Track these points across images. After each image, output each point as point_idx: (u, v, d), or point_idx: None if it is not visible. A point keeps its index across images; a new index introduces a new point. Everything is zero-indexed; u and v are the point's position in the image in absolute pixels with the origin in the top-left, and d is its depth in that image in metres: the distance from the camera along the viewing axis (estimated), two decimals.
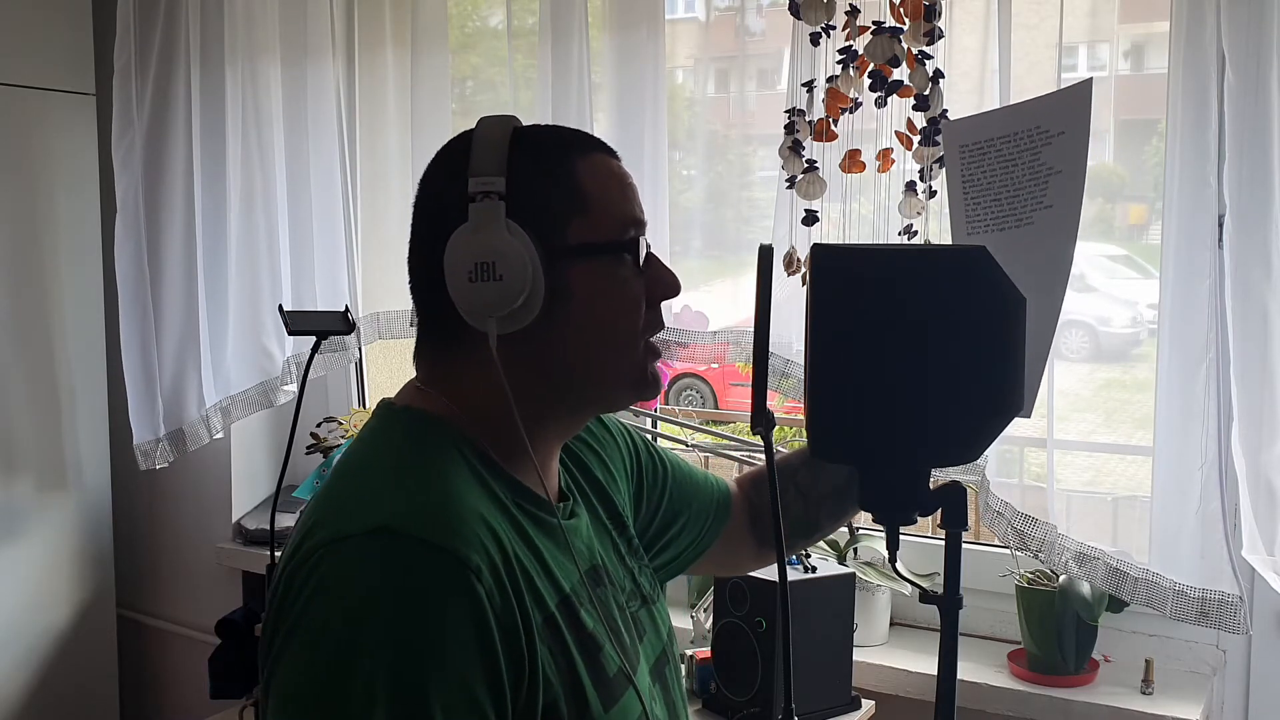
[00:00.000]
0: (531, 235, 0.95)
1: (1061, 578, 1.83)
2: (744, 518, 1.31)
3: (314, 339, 2.23)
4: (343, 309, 2.29)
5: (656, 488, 1.25)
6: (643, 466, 1.24)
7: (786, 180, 1.82)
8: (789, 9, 1.77)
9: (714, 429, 2.27)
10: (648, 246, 1.03)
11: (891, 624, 2.07)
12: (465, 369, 1.00)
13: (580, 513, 1.09)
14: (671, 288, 1.04)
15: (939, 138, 1.68)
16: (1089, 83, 1.11)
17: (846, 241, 1.84)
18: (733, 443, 2.15)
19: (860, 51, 1.72)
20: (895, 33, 1.68)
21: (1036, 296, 1.11)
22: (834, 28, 1.75)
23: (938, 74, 1.69)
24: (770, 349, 1.12)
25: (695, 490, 1.28)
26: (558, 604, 0.96)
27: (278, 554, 2.29)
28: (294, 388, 2.43)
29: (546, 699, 0.91)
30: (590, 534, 1.09)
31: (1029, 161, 1.14)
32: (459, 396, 1.01)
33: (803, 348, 1.04)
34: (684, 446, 2.11)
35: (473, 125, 1.02)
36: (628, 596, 1.09)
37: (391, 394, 1.07)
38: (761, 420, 0.98)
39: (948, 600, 0.93)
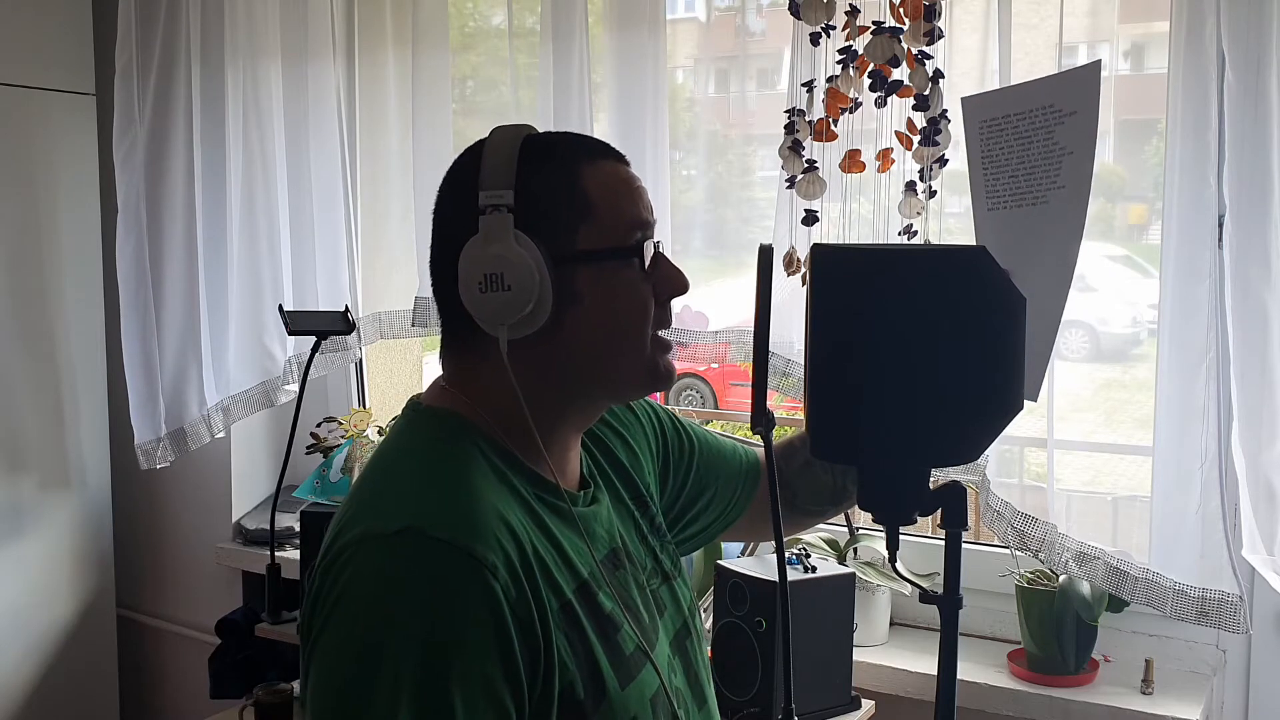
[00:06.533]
0: (540, 244, 1.00)
1: (1061, 578, 1.83)
2: None
3: (314, 339, 2.23)
4: (343, 309, 2.29)
5: (683, 462, 1.29)
6: (669, 443, 1.28)
7: (786, 180, 1.82)
8: (789, 9, 1.77)
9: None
10: (656, 246, 1.07)
11: (891, 624, 2.07)
12: (483, 370, 1.05)
13: (601, 498, 1.14)
14: (680, 286, 1.08)
15: (939, 138, 1.68)
16: (1098, 64, 1.11)
17: (846, 241, 1.84)
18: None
19: (860, 51, 1.72)
20: (895, 33, 1.68)
21: (1047, 275, 1.11)
22: (834, 28, 1.75)
23: (938, 74, 1.69)
24: (770, 349, 1.14)
25: (723, 462, 1.32)
26: (575, 590, 1.01)
27: (278, 554, 2.30)
28: (295, 387, 2.43)
29: (563, 682, 0.97)
30: (611, 517, 1.13)
31: (1043, 140, 1.15)
32: (479, 395, 1.06)
33: (803, 348, 1.05)
34: None
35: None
36: (648, 575, 1.15)
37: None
38: (761, 420, 1.01)
39: (948, 600, 0.94)
